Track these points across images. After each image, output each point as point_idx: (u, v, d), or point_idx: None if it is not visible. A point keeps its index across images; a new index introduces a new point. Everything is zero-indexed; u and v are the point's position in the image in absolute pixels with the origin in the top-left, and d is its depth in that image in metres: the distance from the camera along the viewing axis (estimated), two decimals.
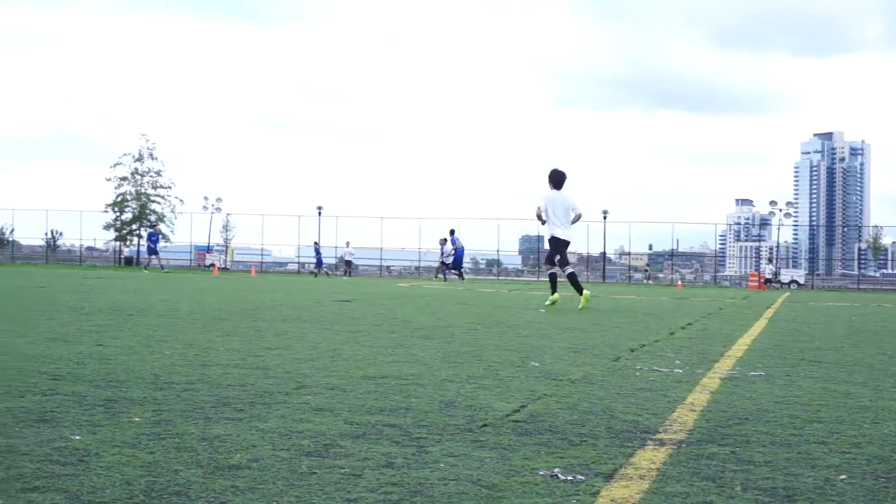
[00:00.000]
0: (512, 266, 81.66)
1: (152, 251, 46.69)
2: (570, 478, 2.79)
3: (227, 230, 72.42)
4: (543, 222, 14.32)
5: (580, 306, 13.52)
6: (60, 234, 77.99)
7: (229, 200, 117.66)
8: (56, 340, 6.36)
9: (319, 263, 51.51)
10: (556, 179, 14.23)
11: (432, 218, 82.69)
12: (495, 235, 68.34)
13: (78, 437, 3.11)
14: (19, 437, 3.10)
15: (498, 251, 66.81)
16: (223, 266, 63.53)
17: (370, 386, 4.59)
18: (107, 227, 68.11)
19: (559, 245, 14.32)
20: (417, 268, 68.08)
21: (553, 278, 14.35)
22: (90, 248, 75.61)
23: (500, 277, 63.75)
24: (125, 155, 67.09)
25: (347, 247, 54.72)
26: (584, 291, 14.00)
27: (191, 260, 71.13)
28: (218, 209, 69.99)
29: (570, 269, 14.48)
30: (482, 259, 75.72)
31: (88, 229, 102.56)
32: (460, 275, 42.38)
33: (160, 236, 49.74)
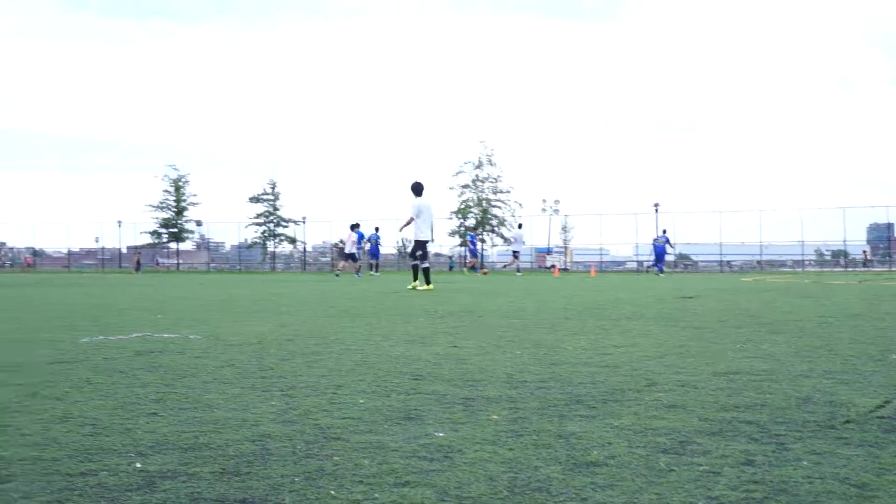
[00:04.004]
0: (860, 257, 77.42)
1: (473, 253, 48.00)
2: None
3: (565, 231, 73.32)
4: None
5: (409, 287, 18.17)
6: (409, 241, 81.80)
7: (567, 202, 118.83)
8: (414, 342, 6.69)
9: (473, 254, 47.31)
10: (420, 189, 18.44)
11: (772, 210, 79.80)
12: (840, 225, 64.71)
13: (441, 434, 3.26)
14: (388, 433, 3.28)
15: (844, 241, 63.47)
16: (563, 267, 64.38)
17: (721, 382, 4.51)
18: (451, 233, 70.78)
19: (426, 245, 18.72)
20: (759, 262, 65.97)
21: (427, 271, 18.48)
22: (437, 255, 78.78)
23: (848, 269, 60.57)
24: (466, 163, 69.51)
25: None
26: (431, 285, 18.37)
27: (531, 262, 72.50)
28: (556, 211, 71.13)
29: (426, 264, 18.74)
30: (827, 250, 72.18)
31: (435, 236, 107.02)
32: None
33: (475, 238, 51.06)
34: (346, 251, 39.95)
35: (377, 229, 44.12)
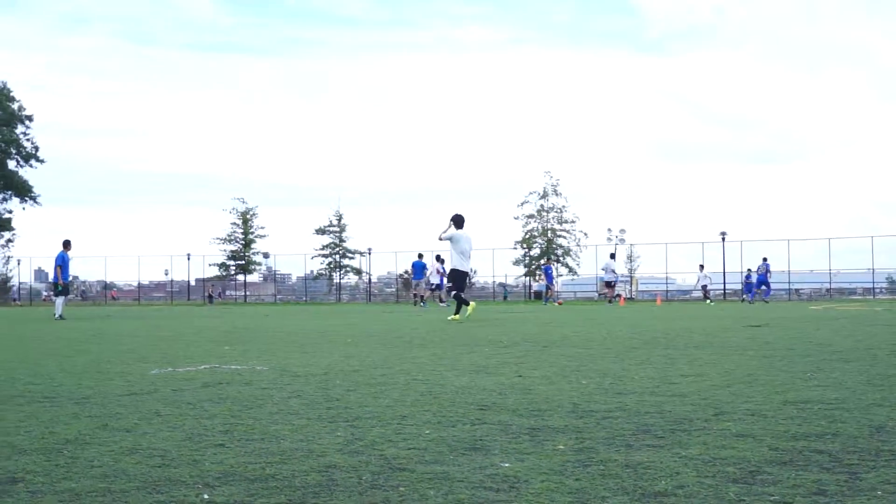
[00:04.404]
0: None
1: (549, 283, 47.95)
2: None
3: (631, 260, 72.82)
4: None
5: (467, 314, 18.19)
6: (474, 272, 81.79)
7: (632, 231, 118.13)
8: (479, 372, 6.68)
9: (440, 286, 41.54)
10: (461, 221, 18.59)
11: (842, 238, 78.39)
12: None
13: (507, 465, 3.24)
14: (454, 464, 3.28)
15: None
16: (629, 296, 63.95)
17: (792, 411, 4.44)
18: (516, 262, 70.72)
19: (464, 276, 19.06)
20: (829, 290, 64.93)
21: (460, 297, 18.93)
22: (501, 285, 78.68)
23: None
24: (531, 193, 69.48)
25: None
26: (472, 303, 18.62)
27: (597, 292, 72.11)
28: (622, 240, 70.69)
29: (461, 294, 19.01)
30: None
31: (500, 266, 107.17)
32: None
33: (551, 269, 51.28)
34: (431, 280, 39.87)
35: (442, 261, 43.99)
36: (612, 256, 46.74)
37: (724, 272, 61.30)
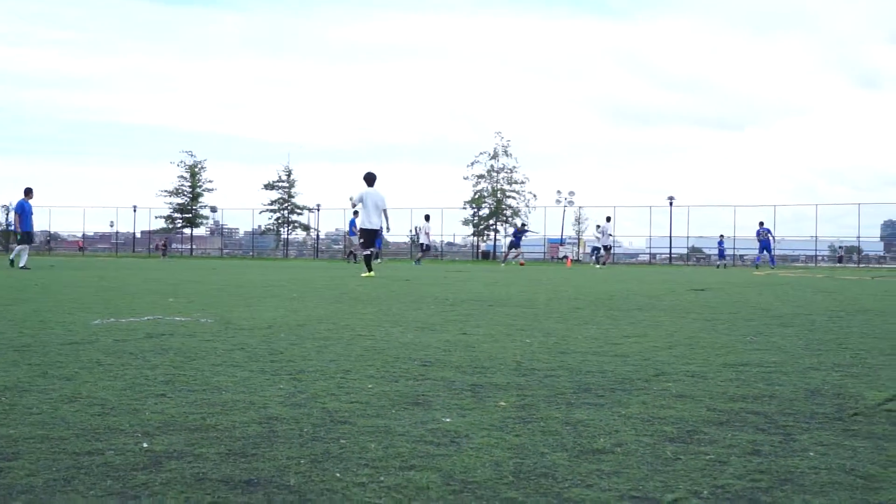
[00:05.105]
0: (874, 253, 77.35)
1: (515, 245, 47.60)
2: None
3: (578, 223, 73.25)
4: (356, 212, 21.03)
5: (364, 275, 18.60)
6: (419, 228, 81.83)
7: (581, 194, 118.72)
8: (424, 329, 6.69)
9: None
10: (371, 179, 19.11)
11: (787, 205, 79.40)
12: (855, 221, 63.93)
13: (448, 420, 3.26)
14: (395, 418, 3.29)
15: (858, 238, 63.20)
16: (575, 258, 64.33)
17: (731, 373, 4.50)
18: (465, 222, 70.83)
19: (371, 233, 19.22)
20: (772, 256, 65.81)
21: (367, 258, 19.39)
22: (449, 244, 78.78)
23: (861, 265, 60.31)
24: (482, 153, 69.59)
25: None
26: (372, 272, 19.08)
27: (544, 253, 72.47)
28: (570, 202, 71.04)
29: (367, 252, 19.39)
30: (840, 246, 71.97)
31: (448, 225, 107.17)
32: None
33: (524, 234, 51.11)
34: (420, 241, 39.35)
35: (428, 218, 42.93)
36: (609, 219, 45.26)
37: (670, 236, 61.84)
